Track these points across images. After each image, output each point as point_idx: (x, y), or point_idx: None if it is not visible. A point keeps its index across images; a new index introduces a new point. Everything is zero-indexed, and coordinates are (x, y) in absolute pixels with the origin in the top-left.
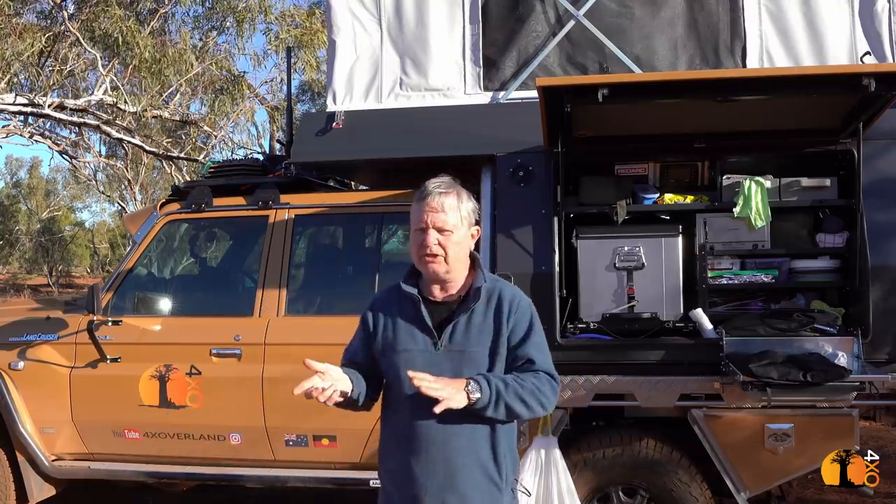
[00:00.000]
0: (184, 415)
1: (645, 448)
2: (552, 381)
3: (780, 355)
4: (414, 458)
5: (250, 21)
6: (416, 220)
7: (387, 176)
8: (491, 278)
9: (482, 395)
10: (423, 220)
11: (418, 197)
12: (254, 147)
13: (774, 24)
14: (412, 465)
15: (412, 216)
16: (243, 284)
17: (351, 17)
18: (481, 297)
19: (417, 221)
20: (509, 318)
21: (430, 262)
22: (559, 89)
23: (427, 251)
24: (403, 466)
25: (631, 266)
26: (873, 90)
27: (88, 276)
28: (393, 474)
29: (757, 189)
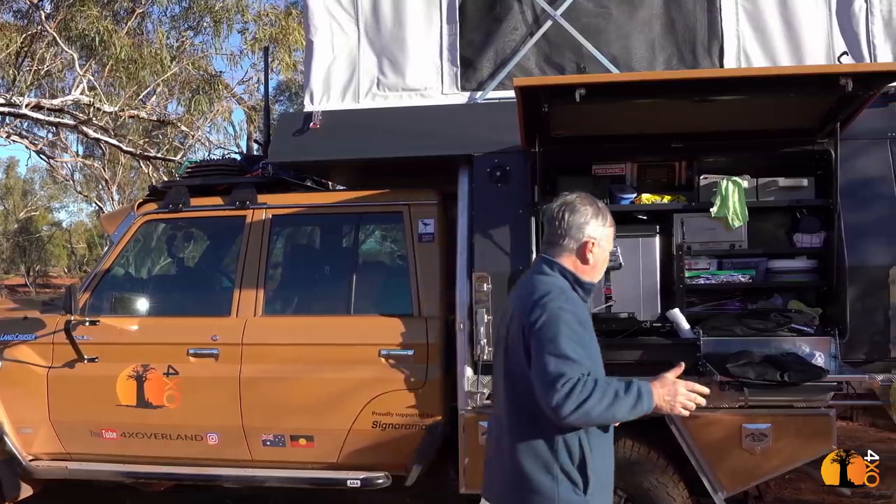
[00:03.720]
0: (161, 415)
1: (622, 448)
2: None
3: (757, 355)
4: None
5: (227, 21)
6: (609, 242)
7: (364, 176)
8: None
9: None
10: (612, 243)
11: (608, 222)
12: (231, 147)
13: (752, 23)
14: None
15: (607, 238)
16: (221, 284)
17: (328, 17)
18: None
19: (610, 244)
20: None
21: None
22: (536, 89)
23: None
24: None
25: (608, 266)
26: (850, 90)
27: (66, 276)
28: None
29: (734, 189)
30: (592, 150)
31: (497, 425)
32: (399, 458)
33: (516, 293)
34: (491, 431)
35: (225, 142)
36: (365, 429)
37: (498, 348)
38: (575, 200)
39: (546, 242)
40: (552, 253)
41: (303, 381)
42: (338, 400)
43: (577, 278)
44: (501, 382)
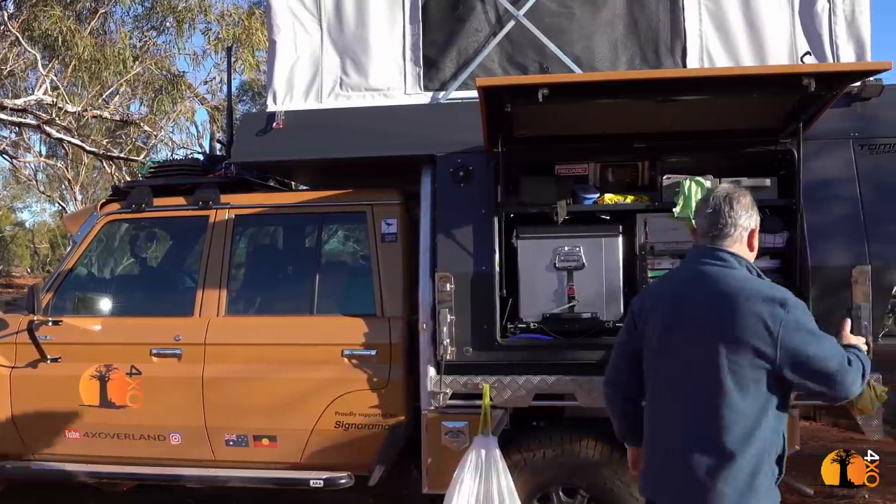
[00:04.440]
0: (124, 415)
1: (585, 448)
2: None
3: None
4: None
5: (190, 21)
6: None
7: (327, 176)
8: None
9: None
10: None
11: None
12: (194, 147)
13: (714, 23)
14: None
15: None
16: (184, 284)
17: (291, 16)
18: None
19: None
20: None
21: None
22: (499, 89)
23: None
24: None
25: (571, 266)
26: (813, 90)
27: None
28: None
29: (697, 189)
30: (555, 150)
31: (676, 417)
32: (362, 458)
33: (698, 291)
34: (658, 431)
35: (188, 142)
36: (328, 429)
37: (668, 347)
38: (734, 192)
39: (712, 235)
40: (724, 245)
41: (266, 381)
42: (301, 400)
43: (754, 267)
44: (687, 380)
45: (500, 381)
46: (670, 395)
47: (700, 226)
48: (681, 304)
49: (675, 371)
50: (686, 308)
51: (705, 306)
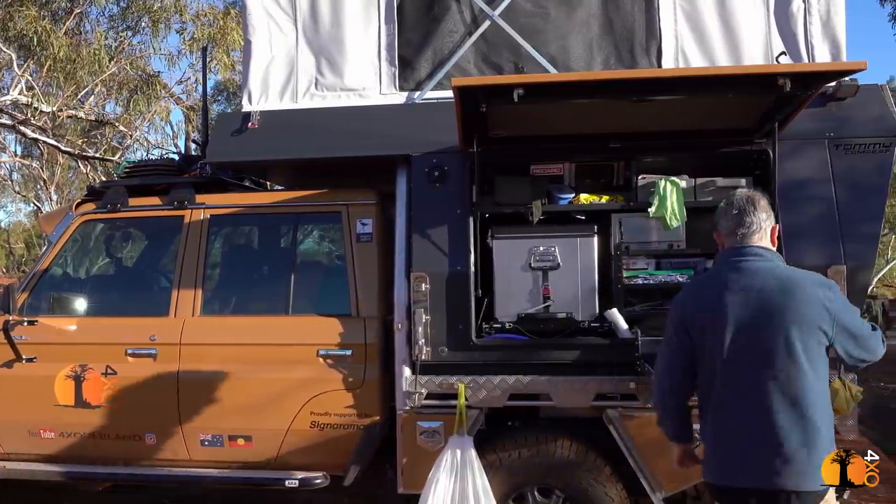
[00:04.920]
0: (99, 414)
1: (560, 448)
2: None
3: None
4: None
5: (165, 21)
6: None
7: (303, 176)
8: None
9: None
10: None
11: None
12: (169, 147)
13: (690, 24)
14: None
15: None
16: (159, 284)
17: (266, 17)
18: None
19: None
20: None
21: None
22: (474, 89)
23: None
24: None
25: (546, 266)
26: (788, 90)
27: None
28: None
29: (672, 189)
30: (531, 150)
31: (749, 402)
32: (337, 458)
33: (760, 284)
34: (736, 419)
35: (163, 142)
36: (303, 429)
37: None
38: (753, 195)
39: (741, 234)
40: (755, 241)
41: (241, 381)
42: (276, 400)
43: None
44: (761, 367)
45: (475, 381)
46: (749, 384)
47: (727, 227)
48: (748, 298)
49: (753, 360)
50: (755, 301)
51: (773, 296)
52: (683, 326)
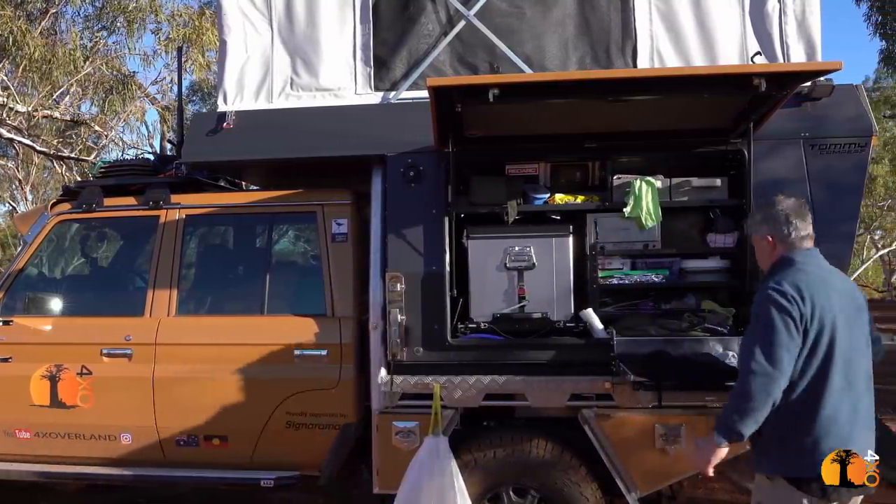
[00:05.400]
0: (75, 415)
1: (535, 448)
2: (743, 379)
3: (670, 355)
4: None
5: (141, 21)
6: None
7: (278, 176)
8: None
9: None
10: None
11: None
12: (144, 147)
13: (665, 23)
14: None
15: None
16: (134, 284)
17: (242, 17)
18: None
19: None
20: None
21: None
22: (450, 89)
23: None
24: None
25: (521, 266)
26: (764, 90)
27: None
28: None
29: (647, 189)
30: (506, 150)
31: (850, 394)
32: (313, 458)
33: (837, 285)
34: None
35: (138, 142)
36: (278, 429)
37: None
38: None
39: (813, 238)
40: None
41: (216, 381)
42: (251, 400)
43: None
44: (857, 359)
45: (450, 381)
46: (842, 376)
47: (809, 231)
48: (843, 297)
49: (849, 355)
50: (847, 299)
51: (854, 295)
52: (804, 327)
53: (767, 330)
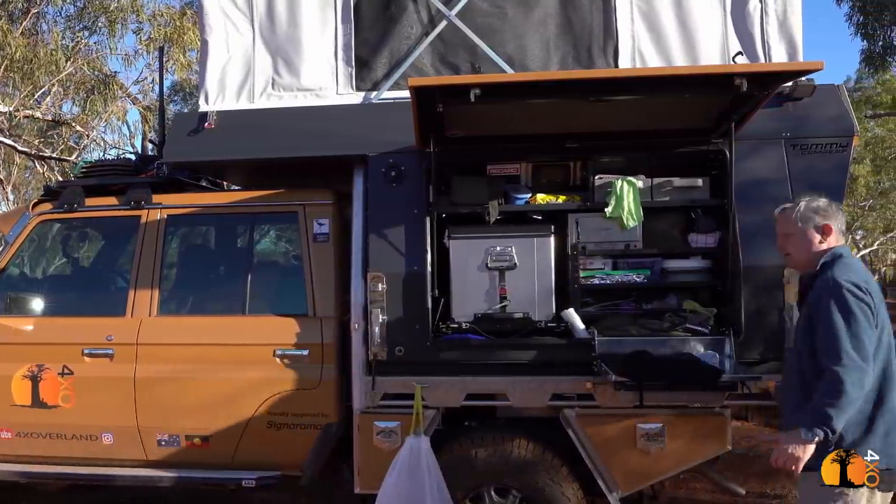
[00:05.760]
0: (56, 415)
1: (517, 448)
2: (835, 373)
3: (652, 355)
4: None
5: (122, 21)
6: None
7: (259, 176)
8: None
9: (811, 433)
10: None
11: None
12: (126, 147)
13: (646, 23)
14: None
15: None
16: (116, 284)
17: (223, 17)
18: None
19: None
20: (813, 308)
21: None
22: (431, 89)
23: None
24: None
25: (503, 266)
26: (745, 90)
27: None
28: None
29: (629, 189)
30: (487, 150)
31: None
32: (294, 458)
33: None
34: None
35: (120, 142)
36: (260, 429)
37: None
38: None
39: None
40: None
41: (198, 381)
42: (233, 400)
43: None
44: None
45: (431, 381)
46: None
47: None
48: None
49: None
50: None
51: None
52: (872, 318)
53: (851, 323)
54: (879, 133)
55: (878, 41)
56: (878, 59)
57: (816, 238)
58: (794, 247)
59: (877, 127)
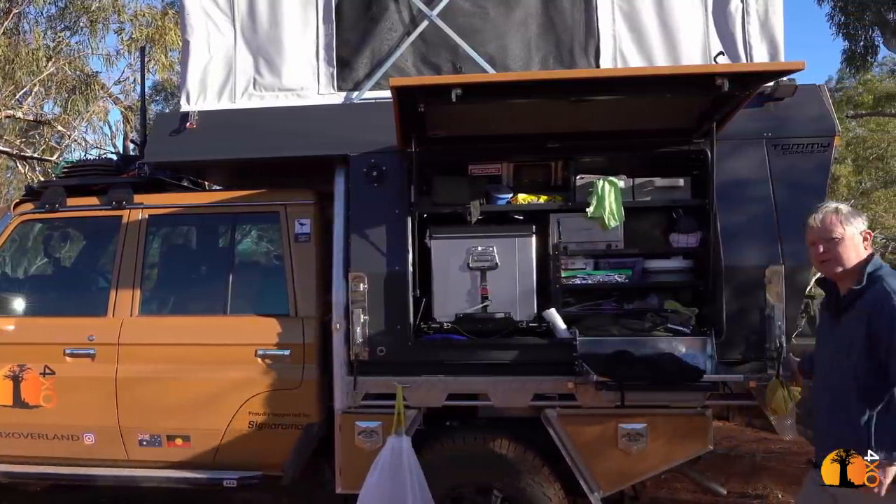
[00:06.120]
0: (38, 415)
1: (498, 448)
2: None
3: (633, 355)
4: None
5: (104, 21)
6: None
7: (241, 176)
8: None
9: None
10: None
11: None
12: (107, 147)
13: (628, 23)
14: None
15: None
16: (97, 284)
17: (205, 17)
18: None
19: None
20: (871, 323)
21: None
22: (413, 89)
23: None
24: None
25: (484, 266)
26: (727, 90)
27: None
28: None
29: (610, 189)
30: (469, 150)
31: None
32: (275, 458)
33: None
34: None
35: (101, 142)
36: (241, 429)
37: None
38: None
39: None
40: None
41: (179, 381)
42: (214, 400)
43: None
44: None
45: (413, 381)
46: None
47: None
48: None
49: None
50: None
51: None
52: None
53: None
54: (861, 133)
55: (859, 41)
56: (860, 59)
57: (862, 241)
58: (843, 253)
59: (858, 127)
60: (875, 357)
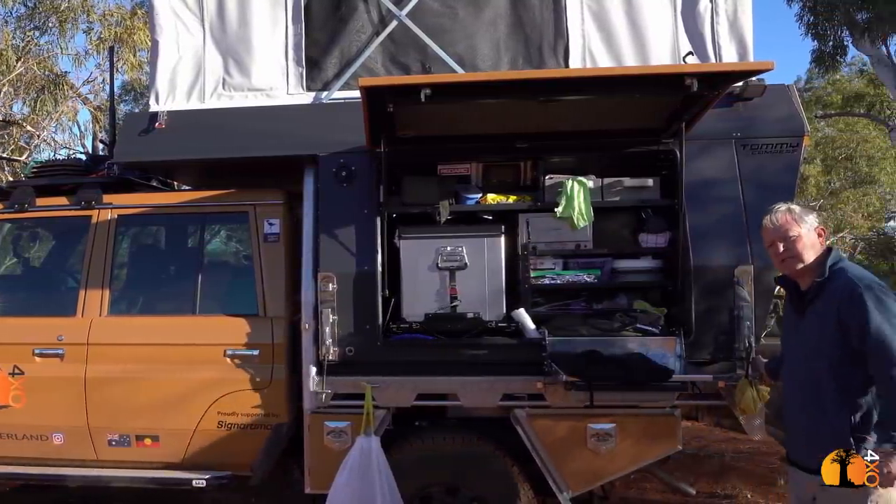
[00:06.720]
0: (6, 414)
1: (467, 448)
2: None
3: (602, 355)
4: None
5: (73, 21)
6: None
7: (210, 176)
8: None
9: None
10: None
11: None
12: (76, 147)
13: (597, 23)
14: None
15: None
16: (67, 284)
17: (174, 17)
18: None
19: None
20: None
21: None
22: (382, 89)
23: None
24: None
25: (453, 266)
26: (696, 90)
27: None
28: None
29: (579, 189)
30: (438, 151)
31: None
32: (245, 458)
33: None
34: None
35: (70, 142)
36: (210, 429)
37: None
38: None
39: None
40: None
41: (148, 381)
42: (183, 400)
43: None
44: None
45: (382, 381)
46: None
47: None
48: None
49: None
50: None
51: None
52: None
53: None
54: (830, 133)
55: (828, 41)
56: (829, 59)
57: (818, 237)
58: (802, 250)
59: (827, 127)
60: (847, 345)
